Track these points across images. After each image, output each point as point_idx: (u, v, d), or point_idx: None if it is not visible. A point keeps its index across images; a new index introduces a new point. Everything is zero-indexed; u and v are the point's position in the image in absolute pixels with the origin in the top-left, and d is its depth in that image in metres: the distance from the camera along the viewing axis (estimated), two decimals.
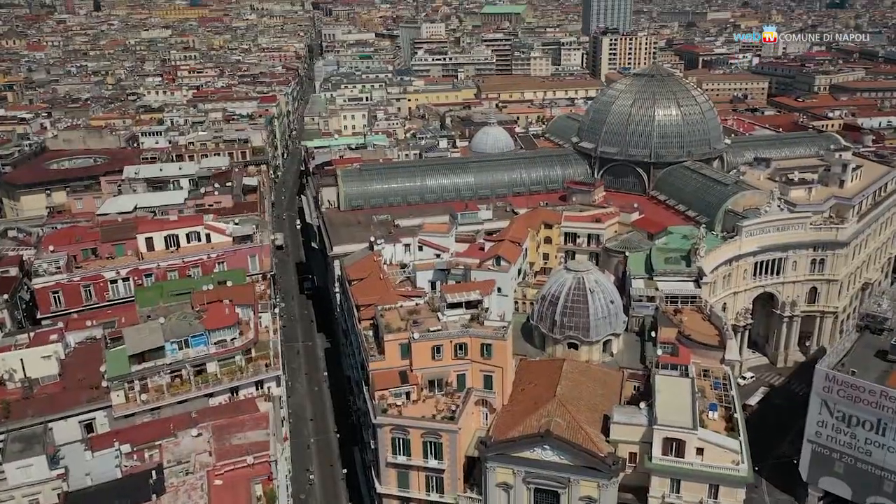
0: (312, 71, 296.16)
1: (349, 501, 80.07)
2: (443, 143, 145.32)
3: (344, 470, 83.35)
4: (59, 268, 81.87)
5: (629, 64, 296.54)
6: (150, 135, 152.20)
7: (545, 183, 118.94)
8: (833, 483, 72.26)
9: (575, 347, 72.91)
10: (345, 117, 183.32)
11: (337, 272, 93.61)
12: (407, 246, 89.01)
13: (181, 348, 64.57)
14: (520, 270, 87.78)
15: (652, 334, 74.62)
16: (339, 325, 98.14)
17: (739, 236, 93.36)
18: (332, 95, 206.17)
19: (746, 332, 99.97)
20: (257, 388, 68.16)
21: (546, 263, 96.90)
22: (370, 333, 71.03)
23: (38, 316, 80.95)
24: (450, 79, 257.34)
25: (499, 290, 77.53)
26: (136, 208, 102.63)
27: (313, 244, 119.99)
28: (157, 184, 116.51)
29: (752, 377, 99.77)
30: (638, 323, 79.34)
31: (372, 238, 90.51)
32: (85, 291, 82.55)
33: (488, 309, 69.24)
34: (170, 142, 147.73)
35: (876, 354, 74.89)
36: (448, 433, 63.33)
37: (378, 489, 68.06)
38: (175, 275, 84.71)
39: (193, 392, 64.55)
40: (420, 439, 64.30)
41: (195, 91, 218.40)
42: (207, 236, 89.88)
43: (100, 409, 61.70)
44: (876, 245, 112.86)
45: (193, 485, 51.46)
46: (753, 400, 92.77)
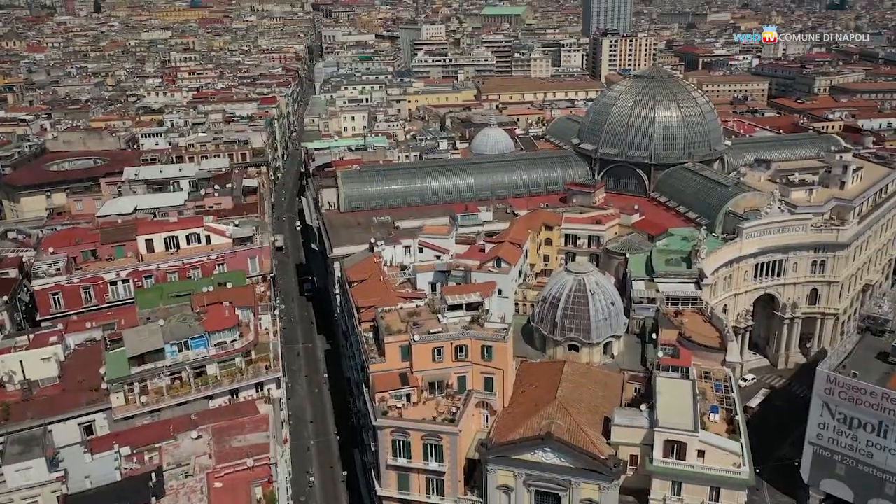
0: (312, 72, 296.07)
1: None
2: (443, 145, 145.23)
3: (344, 472, 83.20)
4: (59, 269, 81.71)
5: (629, 65, 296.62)
6: (150, 136, 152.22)
7: (545, 184, 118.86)
8: (834, 485, 72.04)
9: (575, 349, 72.75)
10: (345, 119, 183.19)
11: (337, 274, 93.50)
12: (407, 247, 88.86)
13: (181, 350, 64.47)
14: (520, 272, 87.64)
15: (653, 336, 74.49)
16: (340, 327, 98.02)
17: (740, 238, 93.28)
18: (332, 97, 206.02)
19: (747, 334, 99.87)
20: (257, 391, 68.08)
21: (546, 265, 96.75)
22: (370, 335, 70.92)
23: (38, 318, 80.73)
24: (450, 80, 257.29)
25: (499, 292, 77.36)
26: (136, 210, 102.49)
27: (313, 246, 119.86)
28: (157, 185, 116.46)
29: (753, 379, 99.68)
30: (639, 325, 79.24)
31: (372, 240, 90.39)
32: (85, 293, 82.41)
33: (489, 311, 69.11)
34: (170, 143, 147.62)
35: (877, 356, 74.75)
36: (448, 435, 63.18)
37: (378, 491, 67.88)
38: (175, 276, 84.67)
39: (193, 394, 64.48)
40: (420, 441, 64.15)
41: (195, 92, 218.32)
42: (207, 238, 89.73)
43: (99, 412, 61.61)
44: (877, 247, 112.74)
45: (193, 487, 51.42)
46: (754, 402, 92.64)
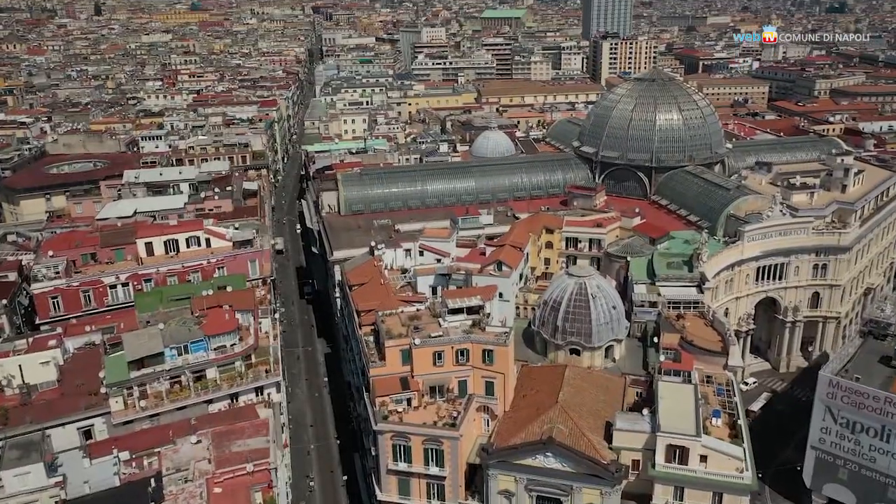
0: (313, 75, 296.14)
1: None
2: (443, 148, 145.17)
3: (344, 476, 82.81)
4: (59, 273, 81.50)
5: (629, 68, 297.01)
6: (151, 139, 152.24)
7: (546, 187, 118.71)
8: (837, 490, 71.68)
9: (577, 353, 72.53)
10: (345, 121, 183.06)
11: (337, 277, 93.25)
12: (408, 251, 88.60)
13: (181, 354, 64.24)
14: (521, 275, 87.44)
15: (654, 340, 74.21)
16: (340, 331, 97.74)
17: (741, 241, 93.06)
18: (333, 100, 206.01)
19: (748, 338, 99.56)
20: (257, 395, 67.81)
21: (547, 268, 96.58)
22: (371, 339, 70.62)
23: (37, 321, 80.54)
24: (450, 83, 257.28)
25: (500, 296, 77.14)
26: (136, 213, 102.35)
27: (313, 249, 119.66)
28: (157, 188, 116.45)
29: (755, 383, 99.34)
30: (640, 328, 79.06)
31: (372, 243, 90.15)
32: (84, 297, 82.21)
33: (490, 314, 68.84)
34: (170, 146, 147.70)
35: (880, 360, 74.56)
36: (449, 440, 62.82)
37: (379, 496, 67.52)
38: (175, 280, 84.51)
39: (193, 398, 64.20)
40: (421, 446, 63.78)
41: (195, 95, 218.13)
42: (207, 241, 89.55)
43: (98, 416, 61.36)
44: (878, 250, 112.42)
45: (192, 492, 51.05)
46: (756, 406, 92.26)
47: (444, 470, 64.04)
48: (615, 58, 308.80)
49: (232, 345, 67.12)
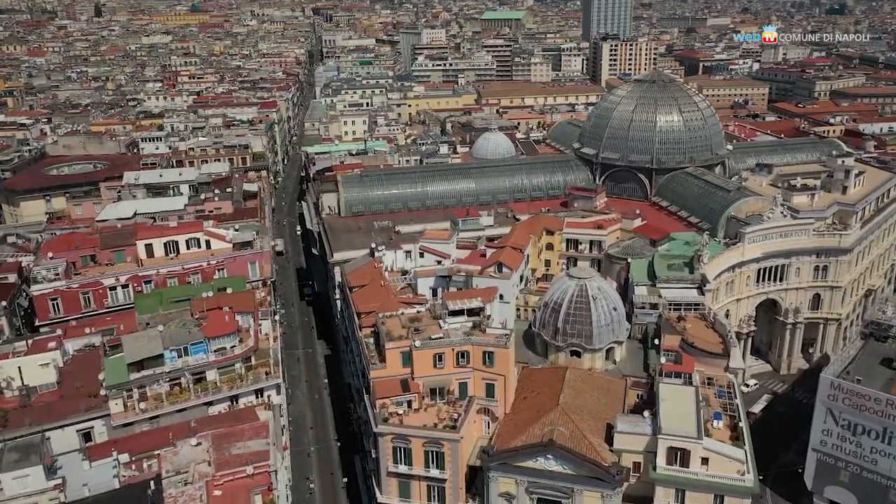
0: (313, 76, 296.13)
1: None
2: (443, 149, 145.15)
3: (344, 479, 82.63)
4: (58, 274, 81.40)
5: (629, 70, 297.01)
6: (150, 140, 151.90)
7: (546, 189, 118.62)
8: (838, 492, 71.48)
9: (577, 355, 72.39)
10: (345, 123, 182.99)
11: (337, 279, 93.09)
12: (408, 252, 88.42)
13: (180, 356, 64.11)
14: (522, 277, 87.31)
15: (655, 342, 74.12)
16: (340, 332, 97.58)
17: (742, 243, 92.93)
18: (333, 101, 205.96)
19: (749, 339, 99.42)
20: (257, 397, 67.66)
21: (548, 270, 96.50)
22: (371, 341, 70.47)
23: (37, 323, 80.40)
24: (450, 84, 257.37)
25: (501, 297, 77.06)
26: (136, 214, 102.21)
27: (314, 250, 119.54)
28: (157, 190, 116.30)
29: (756, 384, 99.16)
30: (641, 330, 78.93)
31: (373, 244, 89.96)
32: (84, 298, 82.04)
33: (490, 316, 68.71)
34: (170, 147, 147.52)
35: (881, 362, 74.29)
36: (450, 442, 62.66)
37: (379, 499, 67.36)
38: (175, 281, 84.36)
39: (193, 400, 64.05)
40: (421, 448, 63.62)
41: (195, 97, 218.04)
42: (207, 242, 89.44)
43: (98, 418, 61.17)
44: (879, 251, 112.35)
45: (192, 495, 50.93)
46: (757, 408, 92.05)
47: (445, 472, 63.87)
48: (615, 59, 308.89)
49: (232, 347, 66.99)
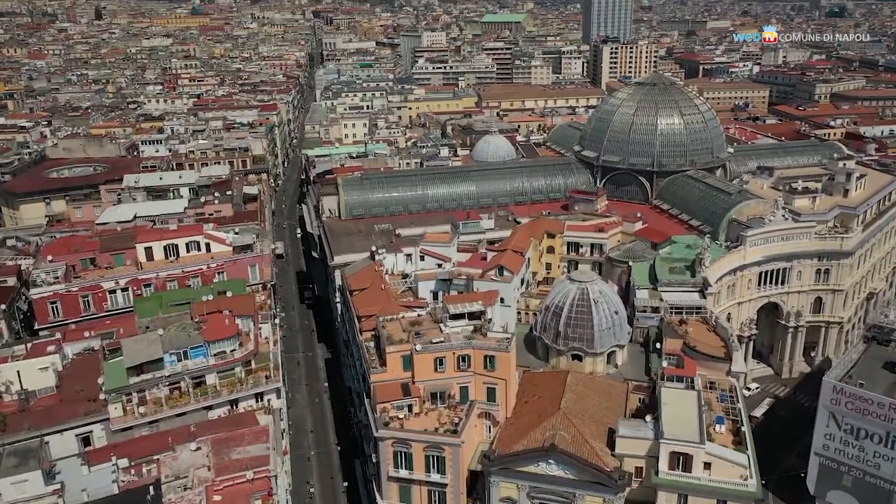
0: (313, 79, 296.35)
1: None
2: (444, 152, 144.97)
3: (345, 483, 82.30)
4: (58, 278, 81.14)
5: (630, 73, 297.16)
6: (151, 143, 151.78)
7: (547, 192, 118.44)
8: (841, 497, 70.97)
9: (579, 359, 72.11)
10: (345, 126, 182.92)
11: (338, 282, 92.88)
12: (408, 256, 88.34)
13: (180, 360, 63.69)
14: (522, 280, 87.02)
15: (657, 345, 73.89)
16: (340, 336, 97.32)
17: (743, 246, 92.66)
18: (333, 104, 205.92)
19: (751, 343, 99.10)
20: (257, 401, 67.28)
21: (549, 273, 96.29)
22: (371, 345, 70.25)
23: (36, 326, 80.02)
24: (450, 87, 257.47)
25: (501, 301, 76.87)
26: (136, 217, 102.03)
27: (314, 253, 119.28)
28: (157, 193, 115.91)
29: (757, 388, 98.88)
30: (642, 334, 78.61)
31: (373, 247, 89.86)
32: (83, 302, 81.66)
33: (491, 320, 68.47)
34: (170, 150, 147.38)
35: (883, 366, 73.74)
36: (451, 447, 62.40)
37: (379, 503, 67.08)
38: (174, 285, 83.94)
39: (192, 405, 63.63)
40: (422, 453, 63.37)
41: (196, 99, 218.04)
42: (207, 246, 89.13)
43: (97, 423, 60.82)
44: (881, 254, 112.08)
45: (192, 500, 50.63)
46: (759, 412, 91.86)
47: (446, 477, 63.65)
48: (615, 62, 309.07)
49: (232, 350, 66.58)
